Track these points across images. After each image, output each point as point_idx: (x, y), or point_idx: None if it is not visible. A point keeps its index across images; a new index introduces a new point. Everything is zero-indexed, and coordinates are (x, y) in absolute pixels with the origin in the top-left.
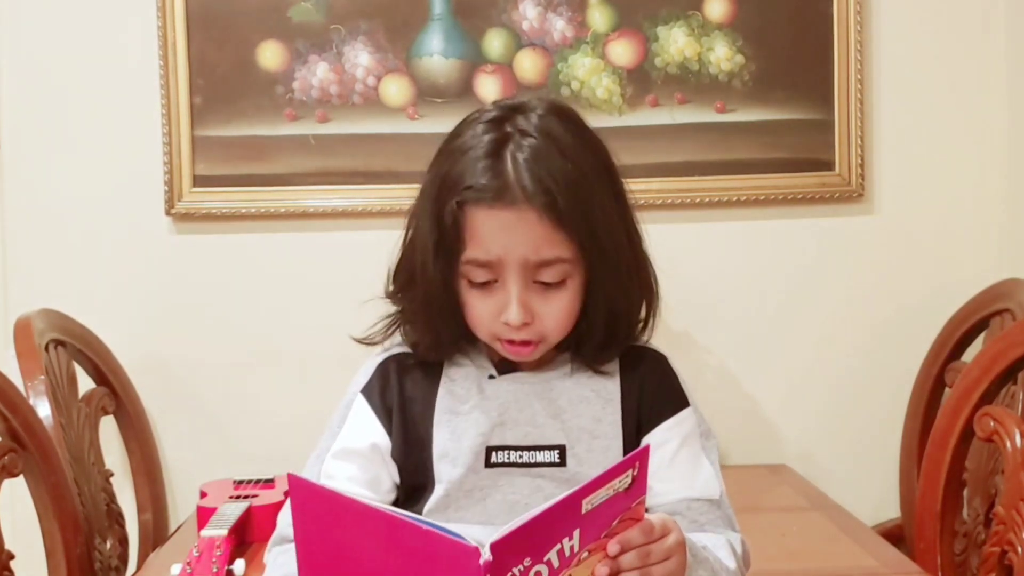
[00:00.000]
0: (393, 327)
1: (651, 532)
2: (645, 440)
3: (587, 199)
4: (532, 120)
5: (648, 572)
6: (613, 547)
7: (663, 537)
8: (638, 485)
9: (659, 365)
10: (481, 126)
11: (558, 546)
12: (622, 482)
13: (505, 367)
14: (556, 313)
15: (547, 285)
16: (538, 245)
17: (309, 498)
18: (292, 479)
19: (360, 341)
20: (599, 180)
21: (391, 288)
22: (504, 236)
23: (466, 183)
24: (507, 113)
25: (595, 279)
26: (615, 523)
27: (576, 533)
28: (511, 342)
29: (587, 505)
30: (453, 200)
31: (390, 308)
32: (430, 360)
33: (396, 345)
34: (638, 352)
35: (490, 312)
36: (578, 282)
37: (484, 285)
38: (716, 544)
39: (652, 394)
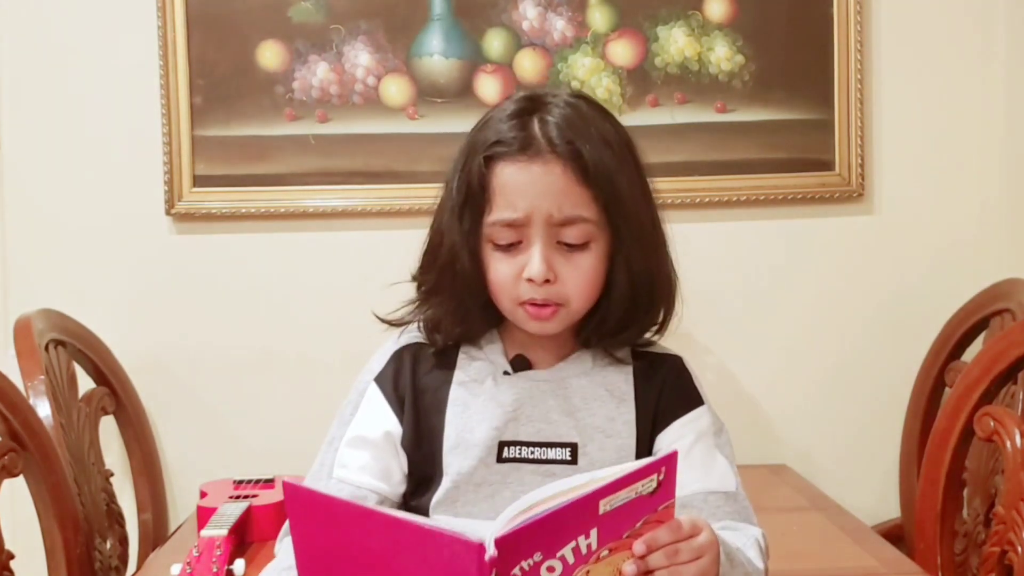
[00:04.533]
0: (416, 310)
1: (679, 530)
2: (660, 437)
3: (612, 165)
4: (561, 98)
5: (677, 571)
6: (639, 546)
7: (693, 536)
8: (665, 489)
9: (676, 367)
10: (509, 103)
11: (573, 543)
12: (645, 486)
13: (519, 365)
14: (579, 276)
15: (571, 247)
16: (562, 201)
17: (306, 504)
18: (287, 486)
19: (383, 320)
20: (624, 154)
21: (417, 270)
22: (529, 190)
23: (493, 140)
24: (534, 95)
25: (618, 251)
26: (639, 524)
27: (594, 532)
28: (533, 305)
29: (605, 506)
30: (480, 156)
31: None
32: (449, 343)
33: (411, 333)
34: (656, 356)
35: (513, 273)
36: (602, 249)
37: (508, 248)
38: (746, 544)
39: (669, 395)
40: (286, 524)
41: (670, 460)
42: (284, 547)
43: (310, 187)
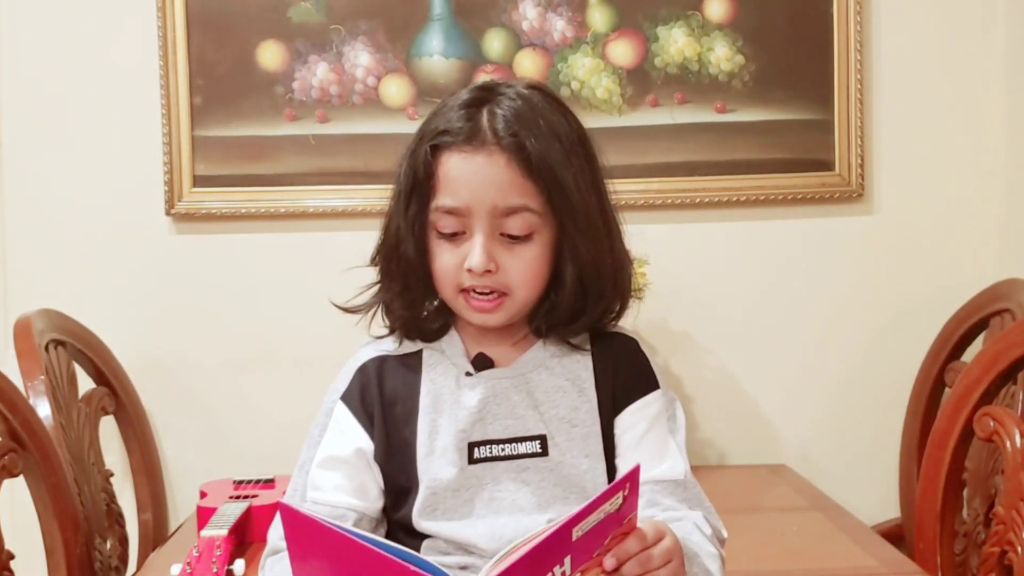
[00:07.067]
0: (374, 296)
1: (644, 540)
2: (617, 420)
3: (558, 158)
4: (513, 89)
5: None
6: (609, 561)
7: (658, 541)
8: (628, 503)
9: (629, 347)
10: (464, 92)
11: (549, 574)
12: (612, 504)
13: (481, 364)
14: (521, 266)
15: (514, 239)
16: (506, 190)
17: (301, 528)
18: (283, 509)
19: (342, 308)
20: (573, 146)
21: (373, 253)
22: (473, 180)
23: (441, 129)
24: (489, 85)
25: (564, 242)
26: (607, 540)
27: (567, 560)
28: (474, 296)
29: (577, 532)
30: (427, 145)
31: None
32: (409, 339)
33: (371, 348)
34: (609, 337)
35: (455, 263)
36: (546, 240)
37: (452, 237)
38: (689, 531)
39: (624, 377)
40: (268, 547)
41: (633, 476)
42: (267, 569)
43: (310, 187)
